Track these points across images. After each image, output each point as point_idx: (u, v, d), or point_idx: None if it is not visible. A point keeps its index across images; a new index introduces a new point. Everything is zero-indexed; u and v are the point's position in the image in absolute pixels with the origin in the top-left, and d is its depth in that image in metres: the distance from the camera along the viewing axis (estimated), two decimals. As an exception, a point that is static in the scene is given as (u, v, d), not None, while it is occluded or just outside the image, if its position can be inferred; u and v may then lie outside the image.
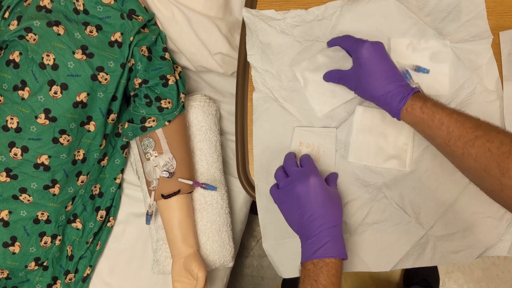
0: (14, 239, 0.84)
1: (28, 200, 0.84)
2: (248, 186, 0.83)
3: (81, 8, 0.80)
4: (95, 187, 0.94)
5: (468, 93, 0.76)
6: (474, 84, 0.77)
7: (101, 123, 0.85)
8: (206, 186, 0.88)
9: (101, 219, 0.94)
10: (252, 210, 1.09)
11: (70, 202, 0.90)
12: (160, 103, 0.84)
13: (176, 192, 0.85)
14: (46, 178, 0.83)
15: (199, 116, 0.94)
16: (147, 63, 0.84)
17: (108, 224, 0.96)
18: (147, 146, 0.84)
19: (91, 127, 0.85)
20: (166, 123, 0.83)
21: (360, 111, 0.77)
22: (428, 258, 0.77)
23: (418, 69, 0.77)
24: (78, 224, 0.92)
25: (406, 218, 0.77)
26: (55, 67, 0.76)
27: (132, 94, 0.88)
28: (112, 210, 0.97)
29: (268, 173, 0.80)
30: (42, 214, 0.86)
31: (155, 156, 0.84)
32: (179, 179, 0.85)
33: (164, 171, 0.83)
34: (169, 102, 0.84)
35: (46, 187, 0.84)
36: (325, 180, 0.71)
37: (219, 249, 0.91)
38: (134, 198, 1.00)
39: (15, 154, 0.79)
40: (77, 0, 0.80)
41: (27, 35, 0.75)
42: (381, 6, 0.78)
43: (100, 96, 0.82)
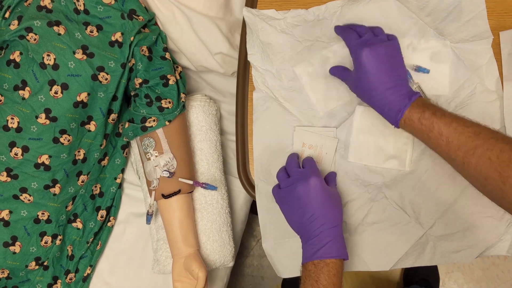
0: (14, 239, 0.85)
1: (29, 200, 0.84)
2: (248, 186, 0.83)
3: (81, 8, 0.80)
4: (96, 187, 0.94)
5: (468, 93, 0.76)
6: (474, 84, 0.77)
7: (101, 123, 0.85)
8: (207, 186, 0.88)
9: (101, 219, 0.94)
10: (252, 210, 1.09)
11: (71, 202, 0.90)
12: (161, 103, 0.84)
13: (177, 192, 0.85)
14: (47, 177, 0.83)
15: (199, 116, 0.94)
16: (147, 63, 0.84)
17: (109, 224, 0.96)
18: (148, 146, 0.84)
19: (92, 127, 0.85)
20: (167, 123, 0.84)
21: (360, 111, 0.77)
22: (428, 258, 0.77)
23: (418, 69, 0.77)
24: (78, 224, 0.92)
25: (406, 218, 0.77)
26: (55, 67, 0.76)
27: (132, 94, 0.88)
28: (112, 210, 0.97)
29: (268, 173, 0.80)
30: (43, 213, 0.86)
31: (156, 156, 0.84)
32: (180, 179, 0.85)
33: (165, 171, 0.83)
34: (169, 102, 0.84)
35: (47, 187, 0.84)
36: (324, 179, 0.71)
37: (219, 248, 0.91)
38: (134, 198, 1.00)
39: (16, 154, 0.79)
40: (77, 0, 0.80)
41: (27, 35, 0.75)
42: (381, 6, 0.78)
43: (101, 96, 0.82)
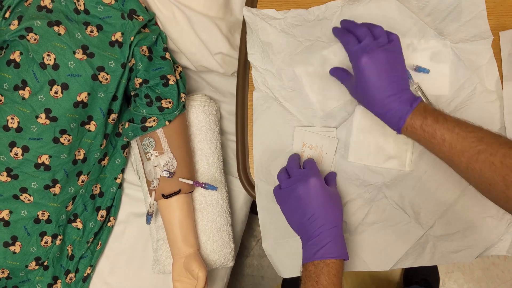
0: (14, 239, 0.85)
1: (29, 200, 0.84)
2: (249, 185, 0.83)
3: (81, 8, 0.80)
4: (96, 186, 0.94)
5: (468, 93, 0.76)
6: (474, 84, 0.77)
7: (101, 123, 0.85)
8: (207, 186, 0.88)
9: (101, 218, 0.94)
10: (252, 210, 1.09)
11: (71, 202, 0.90)
12: (161, 103, 0.84)
13: (177, 192, 0.85)
14: (47, 177, 0.83)
15: (199, 116, 0.94)
16: (147, 63, 0.84)
17: (109, 223, 0.96)
18: (148, 146, 0.84)
19: (92, 127, 0.85)
20: (167, 123, 0.84)
21: (360, 111, 0.77)
22: (428, 258, 0.77)
23: (418, 69, 0.77)
24: (78, 223, 0.92)
25: (405, 218, 0.77)
26: (55, 67, 0.76)
27: (132, 94, 0.88)
28: (112, 210, 0.97)
29: (268, 173, 0.80)
30: (43, 213, 0.86)
31: (156, 156, 0.84)
32: (180, 179, 0.85)
33: (165, 171, 0.83)
34: (169, 102, 0.84)
35: (47, 187, 0.84)
36: (324, 179, 0.71)
37: (219, 248, 0.91)
38: (134, 198, 1.00)
39: (16, 154, 0.79)
40: (77, 0, 0.80)
41: (27, 35, 0.75)
42: (381, 6, 0.78)
43: (101, 96, 0.82)
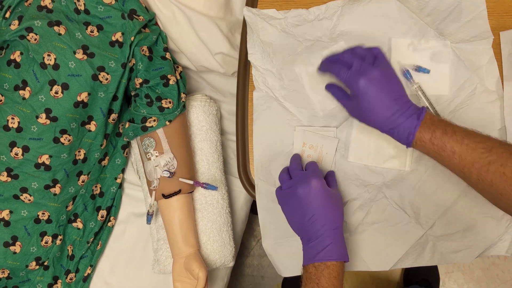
0: (15, 239, 0.85)
1: (29, 200, 0.84)
2: (249, 185, 0.83)
3: (82, 8, 0.80)
4: (96, 186, 0.94)
5: (468, 93, 0.77)
6: (474, 84, 0.77)
7: (102, 123, 0.85)
8: (207, 186, 0.88)
9: (101, 218, 0.94)
10: (252, 210, 1.09)
11: (71, 202, 0.90)
12: (161, 103, 0.84)
13: (177, 192, 0.85)
14: (47, 177, 0.83)
15: (199, 116, 0.94)
16: (148, 63, 0.84)
17: (109, 223, 0.96)
18: (148, 146, 0.84)
19: (92, 127, 0.85)
20: (167, 123, 0.84)
21: (360, 111, 0.77)
22: (428, 258, 0.77)
23: (419, 69, 0.77)
24: (79, 223, 0.92)
25: (405, 218, 0.77)
26: (56, 67, 0.76)
27: (133, 94, 0.88)
28: (112, 209, 0.97)
29: (268, 172, 0.80)
30: (43, 213, 0.86)
31: (156, 156, 0.84)
32: (180, 179, 0.85)
33: (165, 170, 0.83)
34: (169, 102, 0.84)
35: (47, 187, 0.84)
36: (325, 180, 0.71)
37: (219, 248, 0.91)
38: (134, 198, 1.00)
39: (16, 154, 0.79)
40: (78, 0, 0.80)
41: (28, 35, 0.75)
42: (382, 6, 0.78)
43: (101, 96, 0.82)
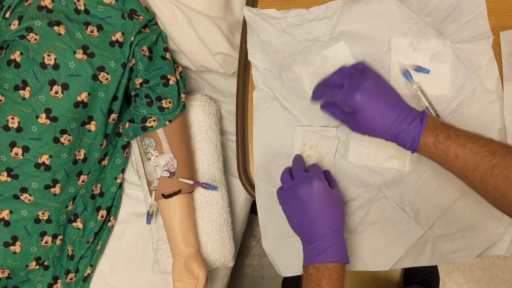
0: (15, 239, 0.85)
1: (29, 200, 0.84)
2: (249, 185, 0.83)
3: (82, 8, 0.80)
4: (96, 186, 0.94)
5: (468, 93, 0.77)
6: (474, 84, 0.77)
7: (102, 123, 0.85)
8: (207, 186, 0.88)
9: (101, 218, 0.94)
10: (252, 210, 1.09)
11: (71, 202, 0.90)
12: (161, 103, 0.84)
13: (177, 192, 0.85)
14: (47, 177, 0.83)
15: (199, 116, 0.94)
16: (148, 63, 0.84)
17: (109, 223, 0.96)
18: (148, 146, 0.84)
19: (92, 127, 0.85)
20: (167, 123, 0.84)
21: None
22: (428, 258, 0.77)
23: (419, 69, 0.77)
24: (78, 223, 0.92)
25: (405, 218, 0.77)
26: (56, 67, 0.76)
27: (133, 94, 0.88)
28: (112, 209, 0.97)
29: (268, 172, 0.80)
30: (43, 213, 0.86)
31: (156, 156, 0.84)
32: (180, 179, 0.85)
33: (165, 170, 0.83)
34: (169, 102, 0.84)
35: (47, 187, 0.84)
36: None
37: (219, 248, 0.91)
38: (134, 198, 1.00)
39: (16, 154, 0.79)
40: (78, 0, 0.80)
41: (28, 35, 0.75)
42: (382, 6, 0.78)
43: (101, 96, 0.82)
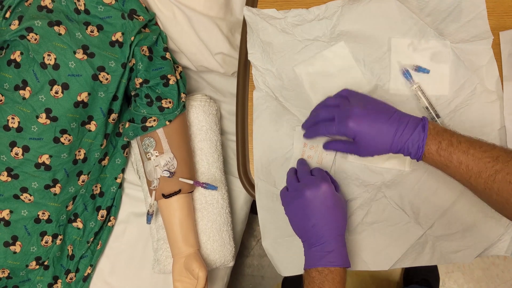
0: (15, 239, 0.85)
1: (29, 200, 0.84)
2: (249, 185, 0.83)
3: (82, 8, 0.80)
4: (96, 186, 0.94)
5: (468, 93, 0.77)
6: (474, 84, 0.77)
7: (102, 123, 0.85)
8: (207, 186, 0.88)
9: (101, 218, 0.94)
10: (252, 210, 1.09)
11: (71, 202, 0.90)
12: (161, 103, 0.84)
13: (177, 192, 0.85)
14: (47, 177, 0.83)
15: (199, 116, 0.94)
16: (148, 63, 0.84)
17: (109, 223, 0.96)
18: (148, 145, 0.84)
19: (92, 126, 0.85)
20: (167, 122, 0.84)
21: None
22: (427, 258, 0.77)
23: (419, 69, 0.77)
24: (79, 223, 0.92)
25: (405, 218, 0.77)
26: (56, 66, 0.76)
27: (133, 94, 0.88)
28: (112, 209, 0.97)
29: (268, 172, 0.80)
30: (43, 213, 0.86)
31: (156, 156, 0.84)
32: (180, 179, 0.85)
33: (165, 170, 0.83)
34: (169, 102, 0.84)
35: (47, 187, 0.84)
36: None
37: (219, 248, 0.91)
38: (134, 198, 1.00)
39: (16, 154, 0.80)
40: (78, 0, 0.80)
41: (28, 35, 0.75)
42: (382, 6, 0.78)
43: (101, 95, 0.83)
